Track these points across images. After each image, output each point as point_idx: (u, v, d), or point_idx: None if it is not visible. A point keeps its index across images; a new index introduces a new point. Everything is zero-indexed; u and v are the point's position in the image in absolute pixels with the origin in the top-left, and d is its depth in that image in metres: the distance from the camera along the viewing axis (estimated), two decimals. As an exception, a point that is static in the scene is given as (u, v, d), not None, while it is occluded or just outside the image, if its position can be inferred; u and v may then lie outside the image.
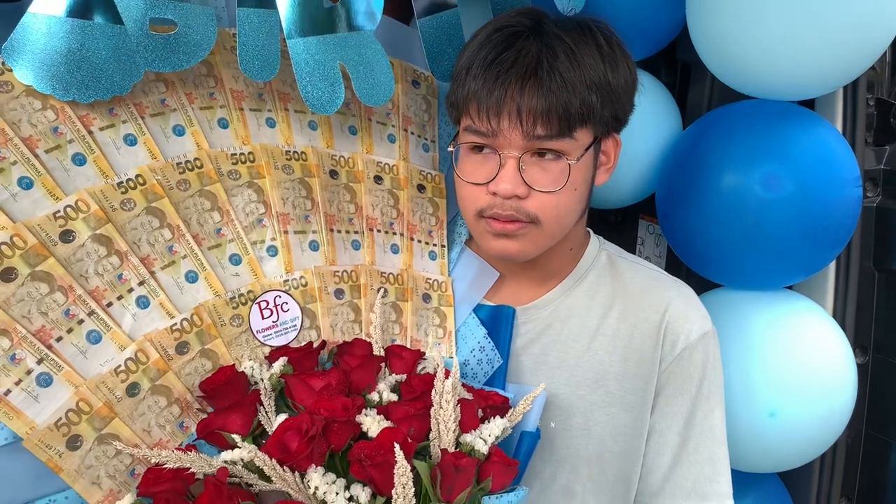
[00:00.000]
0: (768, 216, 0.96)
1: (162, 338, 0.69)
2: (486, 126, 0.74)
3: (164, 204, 0.71)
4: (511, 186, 0.74)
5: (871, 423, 1.15)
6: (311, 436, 0.61)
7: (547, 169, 0.75)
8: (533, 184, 0.74)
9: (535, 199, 0.75)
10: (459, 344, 0.85)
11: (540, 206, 0.75)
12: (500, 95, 0.72)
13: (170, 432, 0.70)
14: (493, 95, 0.73)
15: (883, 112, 1.14)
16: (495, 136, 0.74)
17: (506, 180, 0.74)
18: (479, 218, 0.78)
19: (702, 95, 1.18)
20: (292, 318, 0.76)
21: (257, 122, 0.80)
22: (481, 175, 0.76)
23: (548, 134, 0.73)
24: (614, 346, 0.82)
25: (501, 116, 0.73)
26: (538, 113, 0.72)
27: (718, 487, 0.81)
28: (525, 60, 0.73)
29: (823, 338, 1.03)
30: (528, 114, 0.72)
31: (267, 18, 0.74)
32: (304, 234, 0.79)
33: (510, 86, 0.72)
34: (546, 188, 0.75)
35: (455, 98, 0.78)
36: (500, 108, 0.72)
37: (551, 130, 0.73)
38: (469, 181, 0.77)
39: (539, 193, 0.75)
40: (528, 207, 0.75)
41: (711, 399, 0.82)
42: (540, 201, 0.75)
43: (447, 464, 0.63)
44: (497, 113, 0.73)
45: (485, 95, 0.73)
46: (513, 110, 0.72)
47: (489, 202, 0.76)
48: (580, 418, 0.81)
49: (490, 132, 0.74)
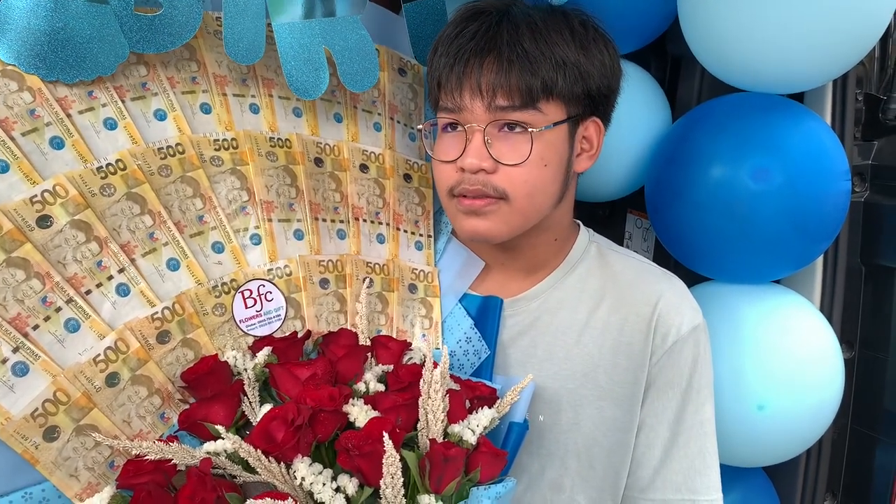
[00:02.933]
0: (757, 209, 0.98)
1: (142, 326, 0.70)
2: (451, 101, 0.78)
3: (144, 190, 0.72)
4: (477, 160, 0.76)
5: (856, 419, 1.19)
6: (297, 426, 0.62)
7: (512, 142, 0.77)
8: (499, 157, 0.76)
9: (503, 173, 0.77)
10: (446, 335, 0.87)
11: (508, 181, 0.77)
12: (461, 69, 0.76)
13: (150, 423, 0.70)
14: (453, 70, 0.77)
15: (871, 107, 1.17)
16: (461, 111, 0.77)
17: (471, 154, 0.76)
18: (451, 197, 0.80)
19: (691, 89, 1.21)
20: (276, 307, 0.77)
21: (241, 107, 0.80)
22: (452, 152, 0.79)
23: (510, 104, 0.75)
24: (604, 339, 0.83)
25: (464, 89, 0.76)
26: (498, 84, 0.75)
27: (708, 481, 0.83)
28: (486, 34, 0.76)
29: (811, 332, 1.06)
30: (486, 85, 0.75)
31: (253, 1, 0.75)
32: (288, 223, 0.80)
33: (470, 59, 0.76)
34: (512, 161, 0.76)
35: (430, 80, 0.81)
36: (461, 82, 0.76)
37: (513, 101, 0.75)
38: (441, 159, 0.80)
39: (506, 167, 0.76)
40: (496, 182, 0.77)
41: (702, 393, 0.84)
42: (508, 175, 0.77)
43: (436, 453, 0.64)
44: (459, 86, 0.76)
45: (447, 71, 0.77)
46: (473, 83, 0.75)
47: (458, 179, 0.78)
48: (569, 412, 0.83)
49: (456, 107, 0.77)
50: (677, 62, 1.26)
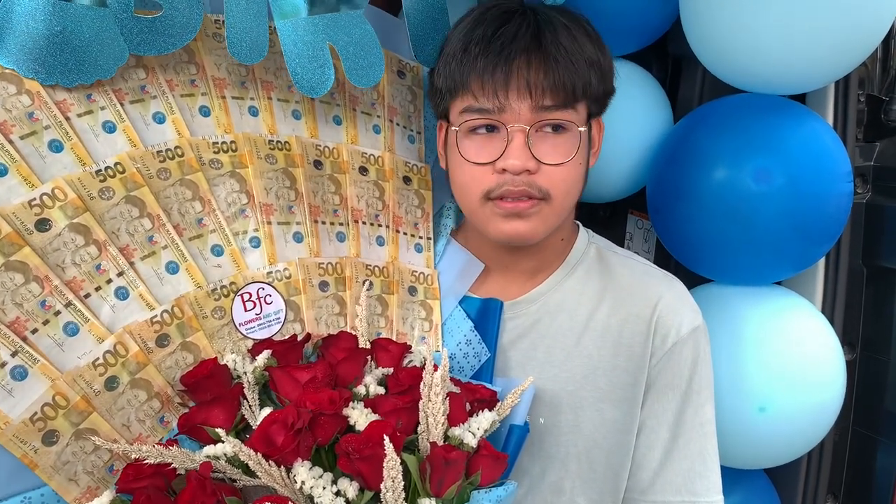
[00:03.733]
0: (759, 210, 0.98)
1: (142, 330, 0.70)
2: (492, 102, 0.75)
3: (143, 193, 0.72)
4: (521, 160, 0.75)
5: (858, 420, 1.19)
6: (297, 429, 0.62)
7: (554, 141, 0.77)
8: (542, 157, 0.76)
9: (545, 173, 0.76)
10: (446, 337, 0.87)
11: (550, 181, 0.77)
12: (507, 68, 0.74)
13: (150, 427, 0.70)
14: (498, 69, 0.74)
15: (873, 108, 1.17)
16: (501, 112, 0.75)
17: (515, 155, 0.75)
18: (485, 201, 0.79)
19: (693, 89, 1.21)
20: (276, 310, 0.77)
21: (240, 110, 0.81)
22: (486, 154, 0.77)
23: (555, 104, 0.75)
24: (604, 341, 0.84)
25: (510, 89, 0.74)
26: (547, 84, 0.74)
27: (708, 483, 0.84)
28: (528, 32, 0.75)
29: (813, 333, 1.06)
30: (534, 84, 0.74)
31: (255, 0, 0.75)
32: (287, 226, 0.80)
33: (517, 58, 0.74)
34: (555, 160, 0.77)
35: (449, 81, 0.79)
36: (507, 82, 0.74)
37: (558, 101, 0.75)
38: (474, 161, 0.78)
39: (548, 167, 0.76)
40: (540, 182, 0.77)
41: (702, 394, 0.84)
42: (550, 176, 0.77)
43: (437, 457, 0.65)
44: (505, 86, 0.74)
45: (489, 71, 0.74)
46: (521, 82, 0.74)
47: (497, 181, 0.77)
48: (569, 414, 0.83)
49: (496, 108, 0.75)
50: (678, 63, 1.26)
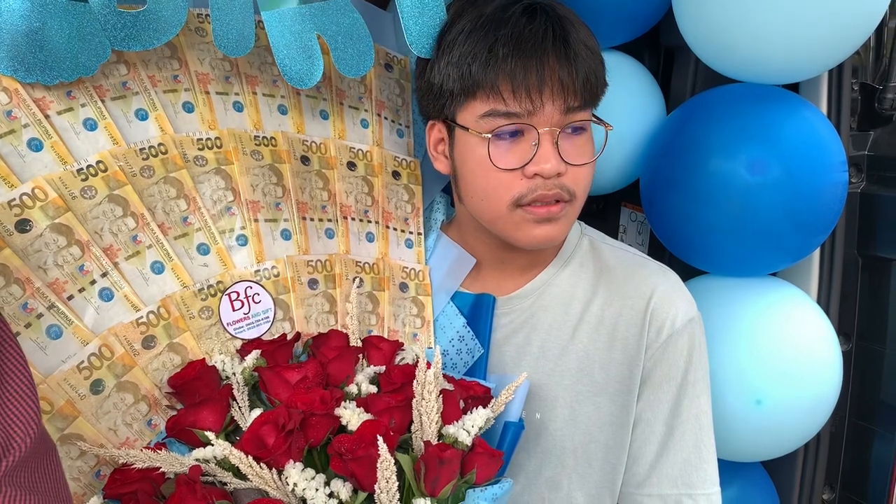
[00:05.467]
0: (755, 201, 0.99)
1: (127, 332, 0.70)
2: (523, 106, 0.73)
3: (127, 191, 0.71)
4: (555, 164, 0.74)
5: (854, 411, 1.20)
6: (288, 430, 0.62)
7: (577, 142, 0.77)
8: (568, 158, 0.76)
9: (571, 174, 0.77)
10: (438, 334, 0.87)
11: (575, 182, 0.77)
12: (542, 72, 0.73)
13: (137, 431, 0.70)
14: (532, 72, 0.72)
15: (867, 97, 1.18)
16: (532, 115, 0.74)
17: (548, 158, 0.74)
18: (514, 208, 0.77)
19: (685, 80, 1.21)
20: (264, 309, 0.77)
21: (224, 105, 0.80)
22: (514, 160, 0.76)
23: (580, 105, 0.76)
24: (598, 334, 0.84)
25: (543, 91, 0.73)
26: (578, 83, 0.74)
27: (705, 475, 0.84)
28: (554, 31, 0.74)
29: (809, 325, 1.06)
30: (568, 85, 0.74)
31: None
32: (275, 223, 0.80)
33: (549, 60, 0.73)
34: (580, 161, 0.77)
35: (467, 82, 0.75)
36: (541, 83, 0.73)
37: (583, 101, 0.76)
38: (503, 167, 0.76)
39: (574, 168, 0.76)
40: (568, 184, 0.77)
41: (697, 386, 0.85)
42: (575, 176, 0.77)
43: (431, 456, 0.65)
44: (539, 88, 0.73)
45: (522, 74, 0.72)
46: (555, 85, 0.73)
47: (529, 186, 0.76)
48: (565, 409, 0.83)
49: (527, 111, 0.74)
50: (671, 53, 1.26)
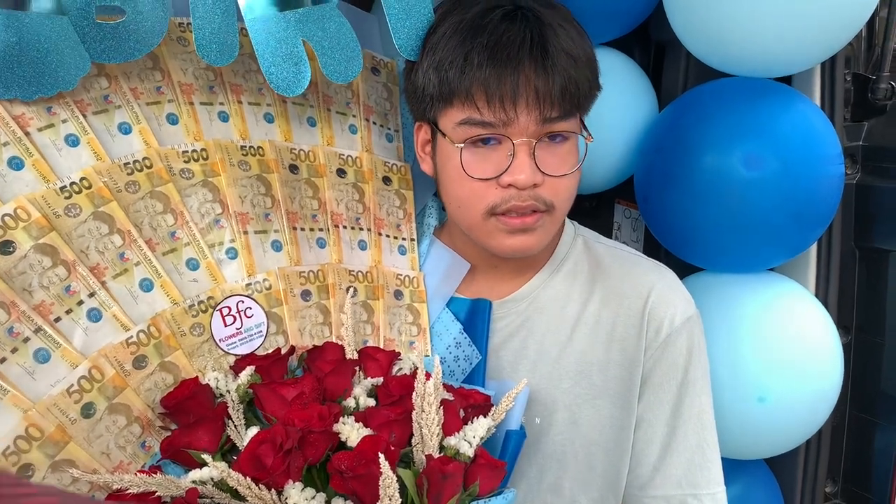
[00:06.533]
0: (751, 196, 0.98)
1: (117, 352, 0.69)
2: (498, 116, 0.72)
3: (112, 208, 0.70)
4: (529, 175, 0.73)
5: (855, 404, 1.20)
6: (286, 449, 0.61)
7: (557, 152, 0.75)
8: (546, 169, 0.74)
9: (549, 185, 0.75)
10: (434, 341, 0.86)
11: (554, 192, 0.76)
12: (515, 80, 0.71)
13: (131, 454, 0.69)
14: (507, 81, 0.71)
15: (860, 87, 1.17)
16: (507, 125, 0.73)
17: (523, 169, 0.73)
18: (488, 217, 0.77)
19: (677, 75, 1.21)
20: (257, 323, 0.76)
21: (209, 116, 0.79)
22: (489, 169, 0.75)
23: (560, 114, 0.73)
24: (596, 336, 0.84)
25: (518, 102, 0.71)
26: (555, 93, 0.72)
27: (709, 475, 0.84)
28: (532, 38, 0.72)
29: (809, 319, 1.06)
30: (545, 95, 0.71)
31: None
32: (265, 234, 0.79)
33: (524, 69, 0.71)
34: (560, 172, 0.75)
35: (444, 88, 0.74)
36: (515, 93, 0.71)
37: (563, 110, 0.73)
38: (477, 177, 0.75)
39: (552, 179, 0.75)
40: (545, 195, 0.75)
41: (698, 384, 0.84)
42: (554, 187, 0.76)
43: (433, 470, 0.64)
44: (513, 98, 0.71)
45: (496, 83, 0.71)
46: (530, 95, 0.71)
47: (503, 196, 0.75)
48: (565, 413, 0.83)
49: (501, 121, 0.72)
50: (662, 48, 1.26)
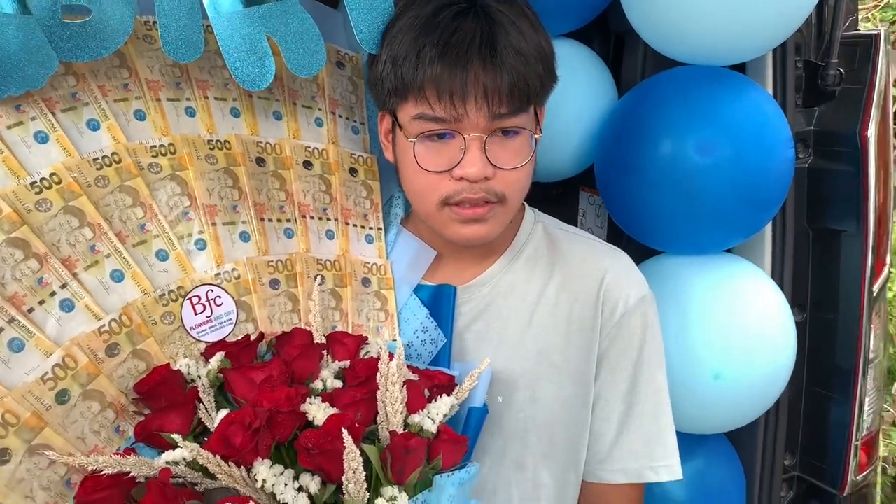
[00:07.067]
0: (704, 181, 1.02)
1: (90, 341, 0.71)
2: (448, 112, 0.75)
3: (82, 202, 0.72)
4: (480, 169, 0.76)
5: (811, 379, 1.26)
6: (255, 429, 0.64)
7: (509, 146, 0.79)
8: (498, 163, 0.78)
9: (501, 177, 0.78)
10: (402, 326, 0.89)
11: (506, 184, 0.79)
12: (464, 78, 0.73)
13: (105, 438, 0.71)
14: (456, 79, 0.73)
15: (811, 74, 1.22)
16: (458, 121, 0.76)
17: (473, 163, 0.76)
18: (442, 207, 0.80)
19: (636, 64, 1.24)
20: (227, 311, 0.79)
21: (176, 111, 0.81)
22: (442, 162, 0.78)
23: (510, 111, 0.76)
24: (555, 318, 0.87)
25: (467, 100, 0.74)
26: (503, 90, 0.74)
27: (665, 448, 0.89)
28: (482, 36, 0.74)
29: (763, 298, 1.11)
30: (494, 93, 0.74)
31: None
32: (233, 225, 0.81)
33: (472, 67, 0.73)
34: (511, 165, 0.78)
35: (399, 83, 0.77)
36: (465, 92, 0.74)
37: (513, 107, 0.76)
38: (431, 170, 0.78)
39: (504, 171, 0.78)
40: (496, 187, 0.79)
41: (653, 362, 0.89)
42: (505, 179, 0.79)
43: (397, 445, 0.67)
44: (462, 96, 0.74)
45: (446, 80, 0.74)
46: (479, 92, 0.74)
47: (455, 188, 0.78)
48: (526, 391, 0.86)
49: (453, 117, 0.75)
50: (621, 38, 1.29)
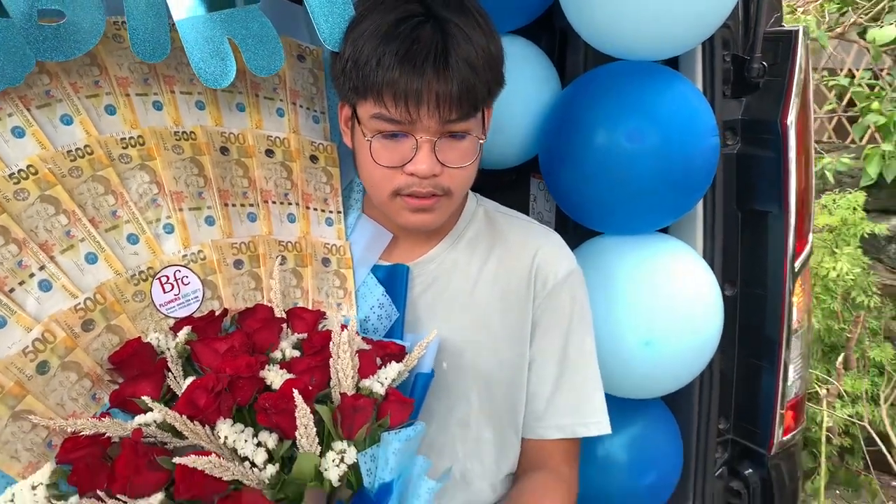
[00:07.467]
0: (635, 167, 1.12)
1: (67, 317, 0.77)
2: (403, 115, 0.83)
3: (57, 191, 0.79)
4: (429, 167, 0.85)
5: (742, 349, 1.36)
6: (217, 392, 0.72)
7: (457, 147, 0.87)
8: (446, 162, 0.87)
9: (448, 174, 0.88)
10: (360, 302, 0.97)
11: (452, 180, 0.89)
12: (419, 86, 0.81)
13: (83, 404, 0.78)
14: (412, 87, 0.81)
15: (738, 67, 1.32)
16: (412, 124, 0.83)
17: (424, 161, 0.85)
18: (394, 196, 0.89)
19: (578, 60, 1.33)
20: (193, 290, 0.86)
21: (144, 106, 0.87)
22: (396, 158, 0.86)
23: (458, 116, 0.85)
24: (494, 290, 0.97)
25: (421, 105, 0.81)
26: (453, 99, 0.82)
27: (594, 406, 0.99)
28: (435, 51, 0.81)
29: (692, 273, 1.21)
30: (445, 101, 0.82)
31: (153, 2, 0.81)
32: (199, 211, 0.88)
33: (427, 76, 0.80)
34: (458, 164, 0.88)
35: (359, 83, 0.84)
36: (419, 98, 0.81)
37: (461, 113, 0.84)
38: (385, 165, 0.87)
39: (451, 169, 0.87)
40: (443, 182, 0.88)
41: (581, 329, 0.99)
42: (452, 176, 0.88)
43: (346, 406, 0.75)
44: (416, 102, 0.81)
45: (403, 86, 0.81)
46: (431, 99, 0.81)
47: (406, 182, 0.87)
48: (469, 357, 0.96)
49: (407, 120, 0.83)
50: (565, 35, 1.38)
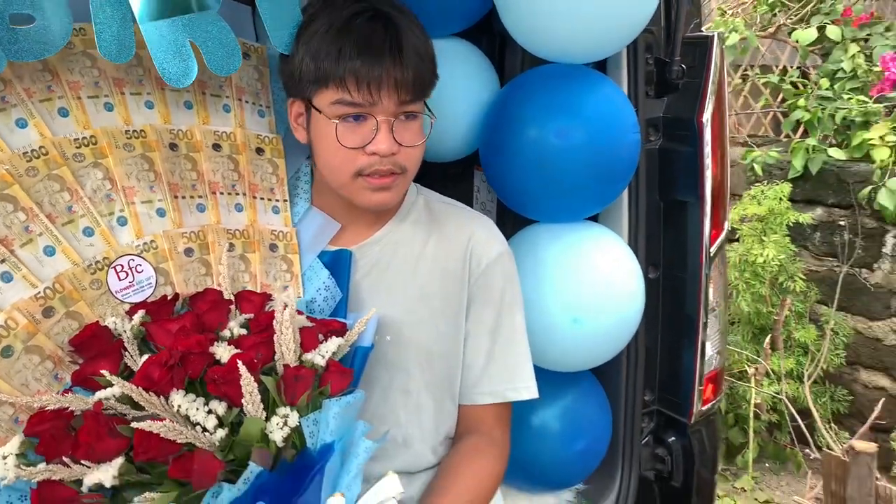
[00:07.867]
0: (563, 162, 1.21)
1: (28, 306, 0.84)
2: (365, 98, 0.92)
3: (15, 190, 0.84)
4: (389, 146, 0.95)
5: (665, 327, 1.48)
6: (170, 366, 0.79)
7: (410, 127, 0.98)
8: (402, 141, 0.96)
9: (404, 153, 0.97)
10: (306, 285, 1.05)
11: (407, 158, 0.98)
12: (380, 73, 0.91)
13: (46, 384, 0.85)
14: (373, 73, 0.91)
15: (660, 69, 1.43)
16: (373, 106, 0.93)
17: (384, 142, 0.94)
18: (356, 177, 0.98)
19: (515, 61, 1.42)
20: (147, 277, 0.93)
21: (95, 107, 0.93)
22: (358, 140, 0.96)
23: (412, 98, 0.95)
24: (433, 270, 1.07)
25: (382, 89, 0.92)
26: (408, 81, 0.93)
27: (523, 373, 1.10)
28: (392, 37, 0.93)
29: (617, 258, 1.31)
30: (402, 85, 0.93)
31: (119, 7, 0.87)
32: (150, 203, 0.95)
33: (385, 65, 0.91)
34: (412, 143, 0.99)
35: (320, 73, 0.93)
36: (380, 81, 0.92)
37: (414, 95, 0.95)
38: (348, 146, 0.96)
39: (406, 148, 0.98)
40: (401, 160, 0.97)
41: (513, 306, 1.10)
42: (407, 154, 0.98)
43: (289, 375, 0.83)
44: (378, 85, 0.92)
45: (364, 73, 0.91)
46: (390, 83, 0.92)
47: (368, 162, 0.96)
48: (411, 330, 1.05)
49: (368, 102, 0.93)
50: (503, 38, 1.47)
